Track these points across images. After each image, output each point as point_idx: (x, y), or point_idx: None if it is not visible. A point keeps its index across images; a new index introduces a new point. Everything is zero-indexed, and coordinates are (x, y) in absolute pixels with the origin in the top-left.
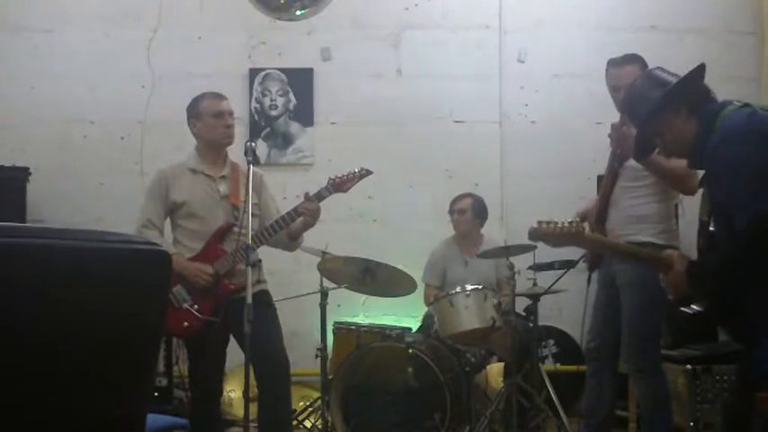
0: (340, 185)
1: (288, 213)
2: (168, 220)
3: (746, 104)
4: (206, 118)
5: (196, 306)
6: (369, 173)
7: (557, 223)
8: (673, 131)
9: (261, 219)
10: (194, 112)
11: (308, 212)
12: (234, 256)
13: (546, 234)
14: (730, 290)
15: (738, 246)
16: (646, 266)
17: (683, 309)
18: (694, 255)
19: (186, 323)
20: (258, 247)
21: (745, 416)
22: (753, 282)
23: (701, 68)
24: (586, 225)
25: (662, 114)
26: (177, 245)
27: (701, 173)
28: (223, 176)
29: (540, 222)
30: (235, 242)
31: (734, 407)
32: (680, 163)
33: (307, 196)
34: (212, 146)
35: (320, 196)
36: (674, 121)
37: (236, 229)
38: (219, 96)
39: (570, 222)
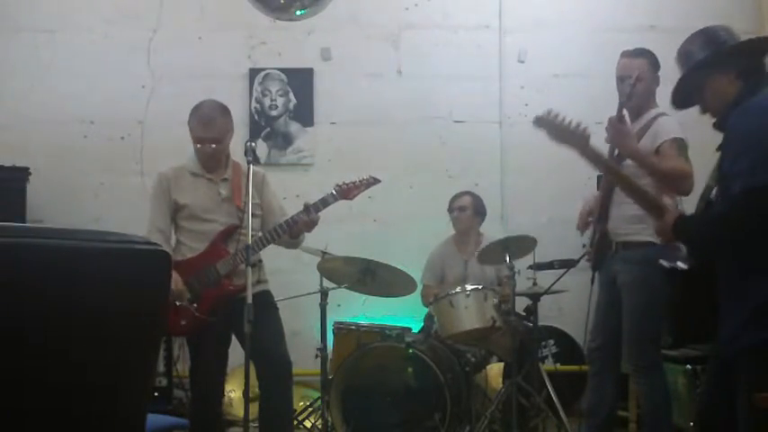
0: (346, 193)
1: (285, 222)
2: None
3: None
4: (193, 137)
5: (195, 305)
6: (377, 181)
7: (564, 118)
8: (714, 89)
9: (264, 218)
10: (189, 123)
11: (304, 226)
12: (236, 256)
13: (551, 123)
14: (711, 253)
15: (727, 211)
16: (643, 206)
17: (662, 261)
18: None
19: (184, 321)
20: (260, 250)
21: (724, 414)
22: (731, 250)
23: (765, 41)
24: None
25: (709, 70)
26: (180, 245)
27: (697, 174)
28: (224, 179)
29: (549, 111)
30: (237, 243)
31: (710, 408)
32: (675, 163)
33: (306, 206)
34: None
35: (325, 202)
36: (719, 80)
37: (240, 230)
38: (207, 123)
39: (578, 124)
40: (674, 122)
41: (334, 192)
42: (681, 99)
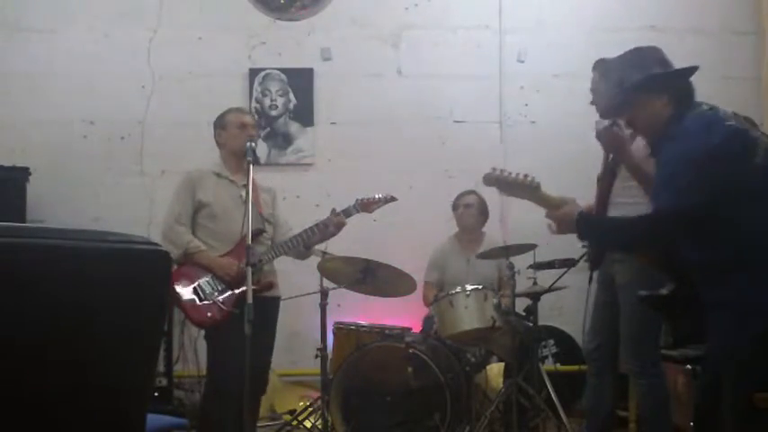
0: (366, 206)
1: (316, 225)
2: None
3: (712, 108)
4: (231, 128)
5: (221, 298)
6: (394, 199)
7: (510, 172)
8: (649, 111)
9: (274, 229)
10: (220, 122)
11: (335, 227)
12: (261, 257)
13: (499, 179)
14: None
15: (634, 222)
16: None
17: (640, 292)
18: None
19: (209, 314)
20: (276, 257)
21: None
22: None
23: (694, 68)
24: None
25: (648, 91)
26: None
27: None
28: (245, 184)
29: (493, 168)
30: (262, 246)
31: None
32: None
33: (334, 212)
34: (235, 154)
35: (348, 213)
36: (654, 103)
37: (265, 235)
38: (244, 111)
39: (525, 175)
40: None
41: (356, 205)
42: (608, 110)
